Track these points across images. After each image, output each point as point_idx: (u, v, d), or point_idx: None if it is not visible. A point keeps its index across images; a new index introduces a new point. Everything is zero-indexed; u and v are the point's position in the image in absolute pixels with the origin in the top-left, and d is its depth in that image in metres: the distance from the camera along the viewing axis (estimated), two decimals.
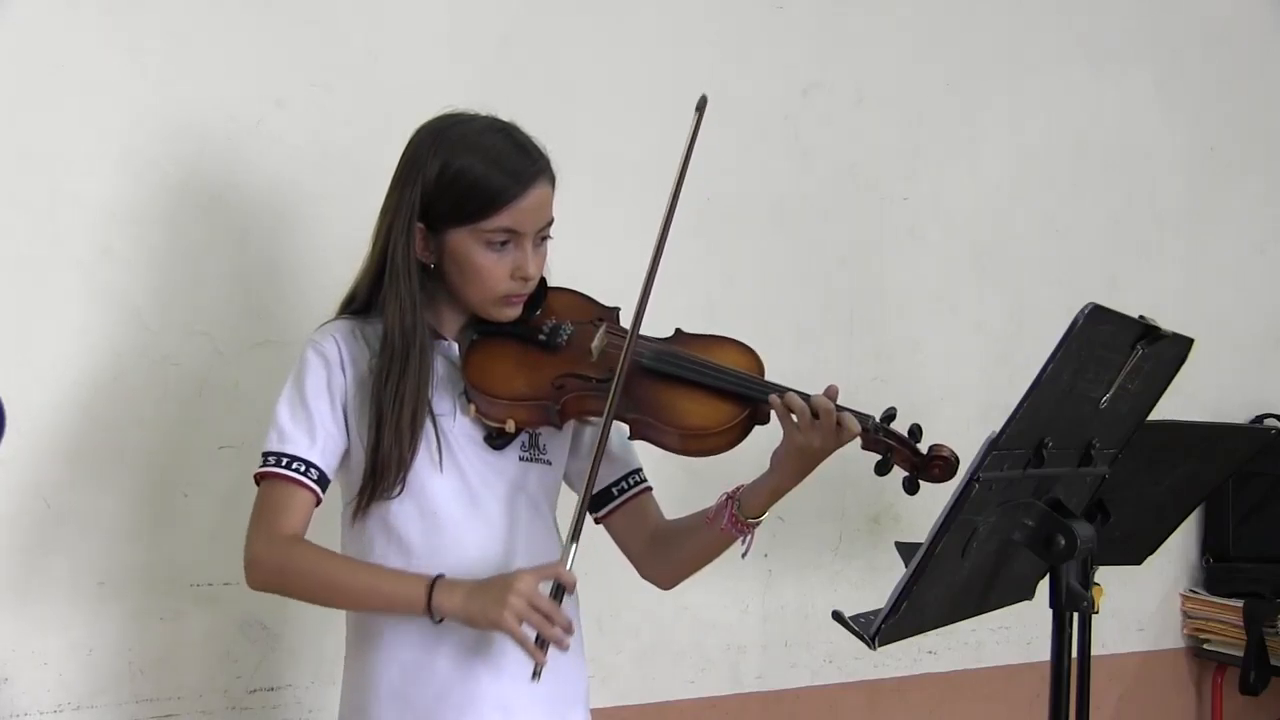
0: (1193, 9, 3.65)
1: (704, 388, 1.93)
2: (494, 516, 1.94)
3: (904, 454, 1.92)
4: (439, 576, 1.83)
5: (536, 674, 1.79)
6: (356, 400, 1.93)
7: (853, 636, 1.76)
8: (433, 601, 1.81)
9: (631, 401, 1.91)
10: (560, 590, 1.80)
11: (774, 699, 3.04)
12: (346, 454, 1.94)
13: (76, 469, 2.28)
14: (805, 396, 1.89)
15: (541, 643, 1.78)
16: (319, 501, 1.90)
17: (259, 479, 1.90)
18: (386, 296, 1.91)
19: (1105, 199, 3.52)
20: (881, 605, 1.73)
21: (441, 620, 1.82)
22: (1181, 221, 3.64)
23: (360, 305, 1.98)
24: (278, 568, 1.87)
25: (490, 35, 2.67)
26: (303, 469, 1.88)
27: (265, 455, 1.90)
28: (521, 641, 1.77)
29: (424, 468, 1.91)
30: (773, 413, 1.91)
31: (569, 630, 1.80)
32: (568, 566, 1.81)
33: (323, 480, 1.90)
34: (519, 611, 1.77)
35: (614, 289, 2.07)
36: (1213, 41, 3.69)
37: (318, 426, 1.90)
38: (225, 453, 2.35)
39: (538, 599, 1.78)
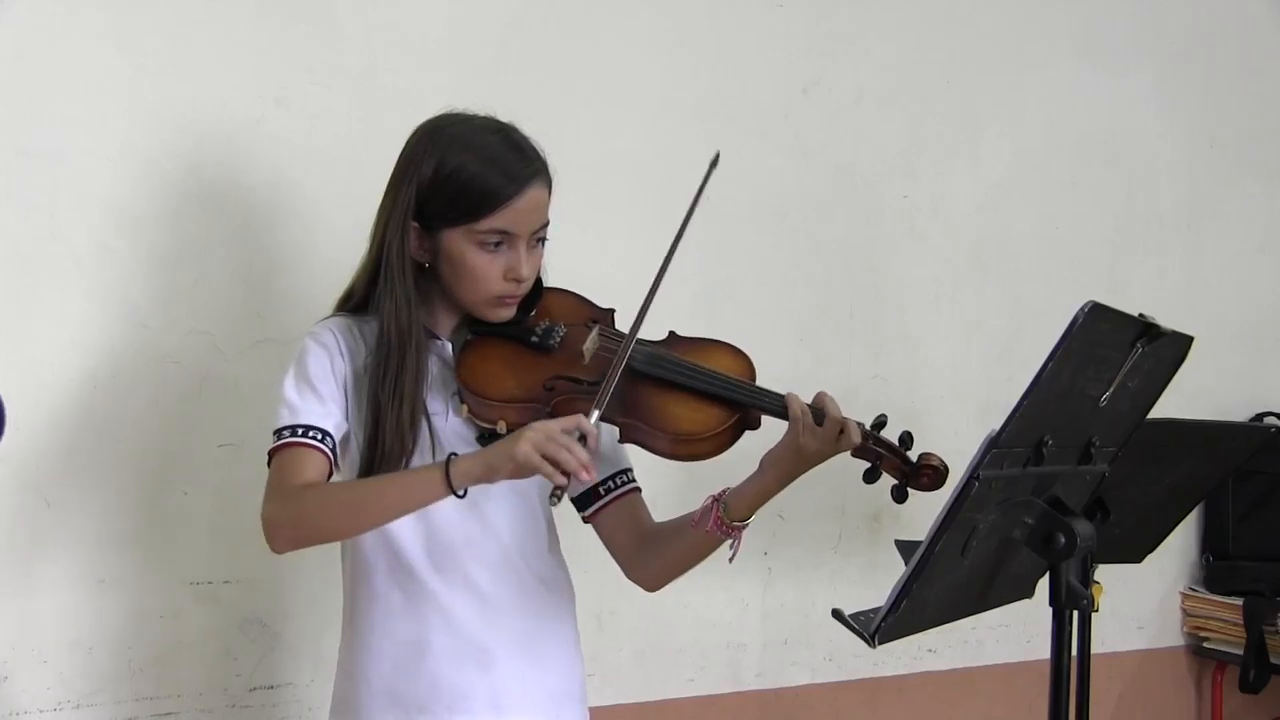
0: (1193, 9, 3.65)
1: (695, 392, 1.92)
2: (487, 514, 1.94)
3: (893, 462, 1.92)
4: (451, 454, 1.80)
5: (555, 498, 1.77)
6: (353, 393, 1.93)
7: (852, 634, 1.76)
8: (451, 469, 1.76)
9: (622, 405, 1.90)
10: (582, 438, 1.75)
11: (774, 697, 3.04)
12: (344, 442, 1.94)
13: (76, 467, 2.28)
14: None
15: (565, 474, 1.72)
16: (331, 471, 1.88)
17: (272, 456, 1.89)
18: (382, 294, 1.91)
19: (1105, 199, 3.52)
20: (881, 603, 1.73)
21: (464, 494, 1.78)
22: (1181, 221, 3.64)
23: (358, 302, 1.98)
24: (294, 517, 1.84)
25: (489, 34, 2.67)
26: (319, 436, 1.87)
27: (278, 432, 1.88)
28: (538, 466, 1.72)
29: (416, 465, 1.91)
30: (764, 418, 1.91)
31: (590, 466, 1.73)
32: (591, 422, 1.76)
33: (335, 449, 1.89)
34: (536, 442, 1.72)
35: (612, 289, 2.07)
36: (1213, 41, 3.69)
37: (327, 399, 1.90)
38: (225, 451, 2.35)
39: (556, 434, 1.73)
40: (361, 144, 2.47)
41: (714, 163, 1.98)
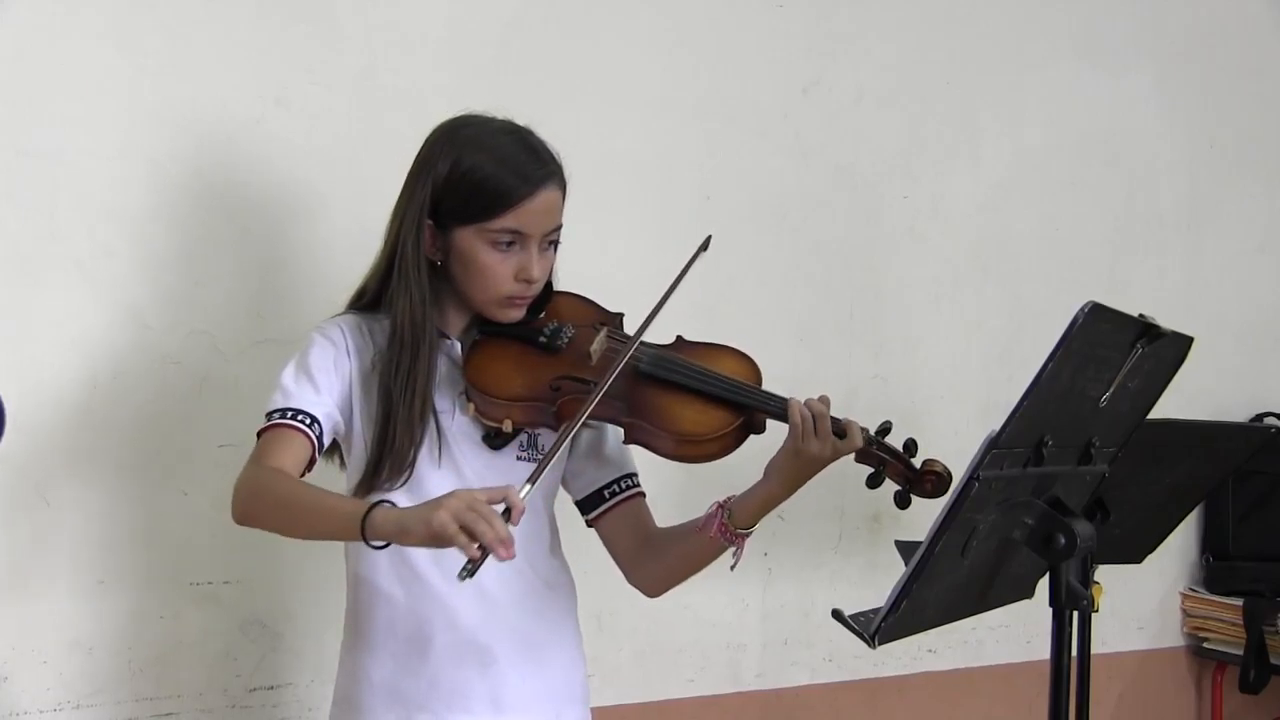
0: (1193, 9, 3.65)
1: (700, 394, 1.93)
2: None
3: (897, 468, 1.93)
4: (381, 501, 1.75)
5: (466, 571, 1.61)
6: (360, 390, 1.94)
7: (852, 635, 1.76)
8: (369, 516, 1.69)
9: (627, 406, 1.91)
10: (507, 513, 1.65)
11: (774, 697, 3.04)
12: (347, 438, 1.95)
13: (76, 467, 2.28)
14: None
15: (481, 549, 1.62)
16: (313, 458, 1.88)
17: (259, 435, 1.89)
18: (396, 291, 1.91)
19: (1105, 199, 3.52)
20: (881, 604, 1.73)
21: (383, 546, 1.72)
22: (1181, 221, 3.64)
23: (370, 300, 1.98)
24: (250, 493, 1.84)
25: (489, 34, 2.67)
26: (306, 421, 1.87)
27: (268, 414, 1.88)
28: (453, 537, 1.61)
29: (423, 462, 1.91)
30: (769, 421, 1.92)
31: (508, 543, 1.62)
32: (521, 496, 1.67)
33: (321, 437, 1.88)
34: (454, 510, 1.62)
35: (612, 289, 2.07)
36: (1213, 41, 3.69)
37: (323, 390, 1.90)
38: (225, 451, 2.35)
39: (478, 504, 1.63)
40: (361, 144, 2.48)
41: (704, 246, 2.01)
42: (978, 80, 3.31)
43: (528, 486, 1.71)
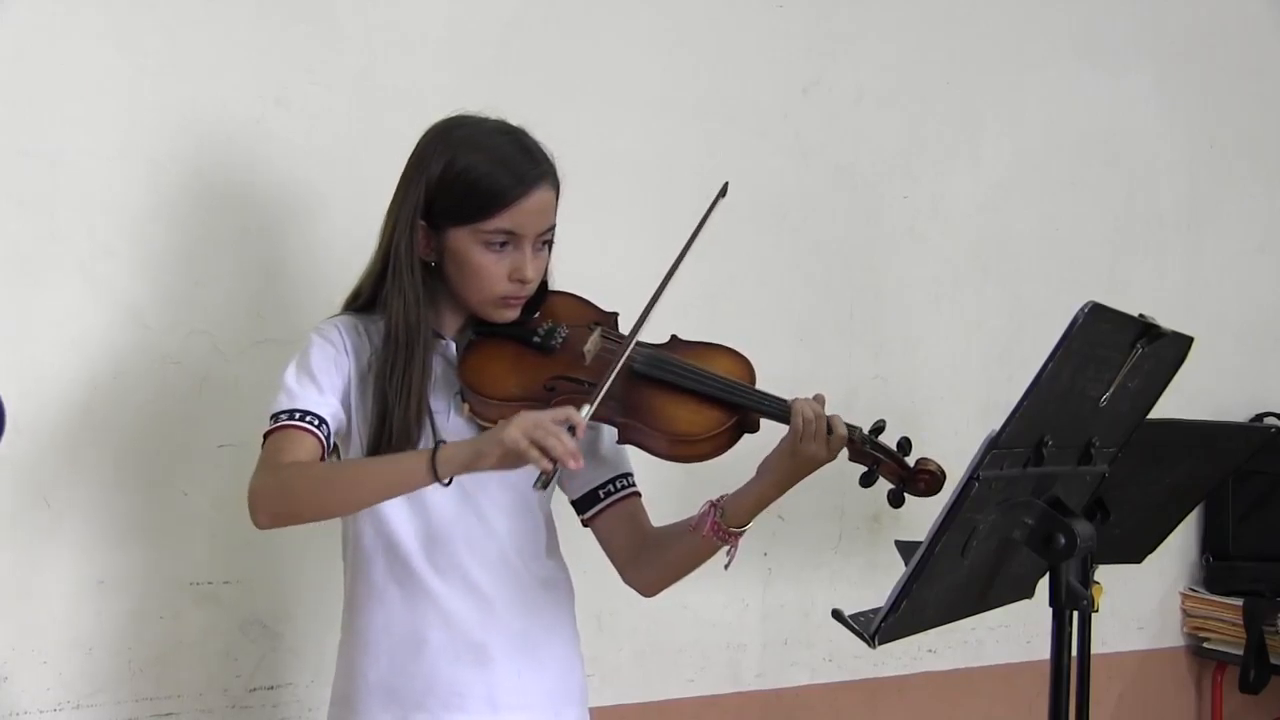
0: (1193, 9, 3.65)
1: (694, 394, 1.93)
2: (486, 513, 1.94)
3: (891, 467, 1.93)
4: (439, 441, 1.80)
5: (541, 483, 1.70)
6: (358, 390, 1.94)
7: (852, 635, 1.76)
8: (437, 456, 1.74)
9: (621, 406, 1.91)
10: (571, 430, 1.71)
11: (774, 697, 3.04)
12: (346, 437, 1.95)
13: (76, 467, 2.28)
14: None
15: (553, 462, 1.69)
16: (322, 458, 1.88)
17: (266, 437, 1.89)
18: (390, 292, 1.92)
19: (1105, 198, 3.52)
20: (881, 603, 1.73)
21: (449, 482, 1.76)
22: (1181, 221, 3.64)
23: (365, 301, 1.99)
24: (277, 489, 1.83)
25: (489, 34, 2.67)
26: (315, 422, 1.87)
27: (274, 416, 1.89)
28: (525, 451, 1.68)
29: None
30: (763, 421, 1.92)
31: (576, 455, 1.70)
32: (581, 416, 1.74)
33: (328, 438, 1.89)
34: (525, 428, 1.69)
35: (612, 289, 2.07)
36: (1213, 41, 3.69)
37: (326, 390, 1.90)
38: (225, 451, 2.35)
39: (545, 422, 1.70)
40: (361, 144, 2.48)
41: (722, 192, 2.00)
42: (978, 80, 3.31)
43: (587, 408, 1.76)
